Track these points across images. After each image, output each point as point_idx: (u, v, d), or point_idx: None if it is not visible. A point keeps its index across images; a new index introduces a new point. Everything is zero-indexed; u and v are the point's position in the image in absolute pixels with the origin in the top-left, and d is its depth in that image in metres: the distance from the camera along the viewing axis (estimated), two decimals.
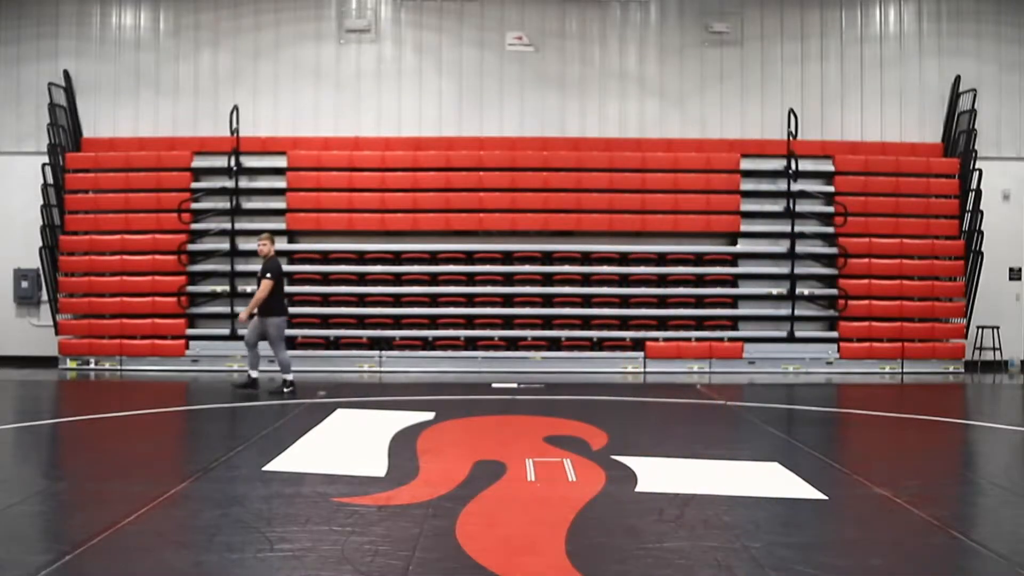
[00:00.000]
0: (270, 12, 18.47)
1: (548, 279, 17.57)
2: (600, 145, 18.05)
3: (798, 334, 17.39)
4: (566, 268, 17.57)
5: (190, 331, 17.24)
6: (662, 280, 17.61)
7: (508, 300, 17.42)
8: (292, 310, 17.35)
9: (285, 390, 13.04)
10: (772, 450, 8.94)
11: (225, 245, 17.49)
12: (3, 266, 17.98)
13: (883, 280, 17.50)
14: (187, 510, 6.47)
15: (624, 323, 17.40)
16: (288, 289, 17.46)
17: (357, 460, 8.19)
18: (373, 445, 8.88)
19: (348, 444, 9.30)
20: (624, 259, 17.68)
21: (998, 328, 17.95)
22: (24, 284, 17.87)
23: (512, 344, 17.31)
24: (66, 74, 18.12)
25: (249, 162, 17.91)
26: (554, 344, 17.32)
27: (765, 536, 5.84)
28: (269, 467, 7.77)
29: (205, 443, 9.90)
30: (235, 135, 17.73)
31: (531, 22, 18.49)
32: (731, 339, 17.29)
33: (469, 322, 17.36)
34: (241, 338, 17.14)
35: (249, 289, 17.34)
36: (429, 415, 10.79)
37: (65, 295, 17.45)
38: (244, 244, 17.59)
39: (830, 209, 17.86)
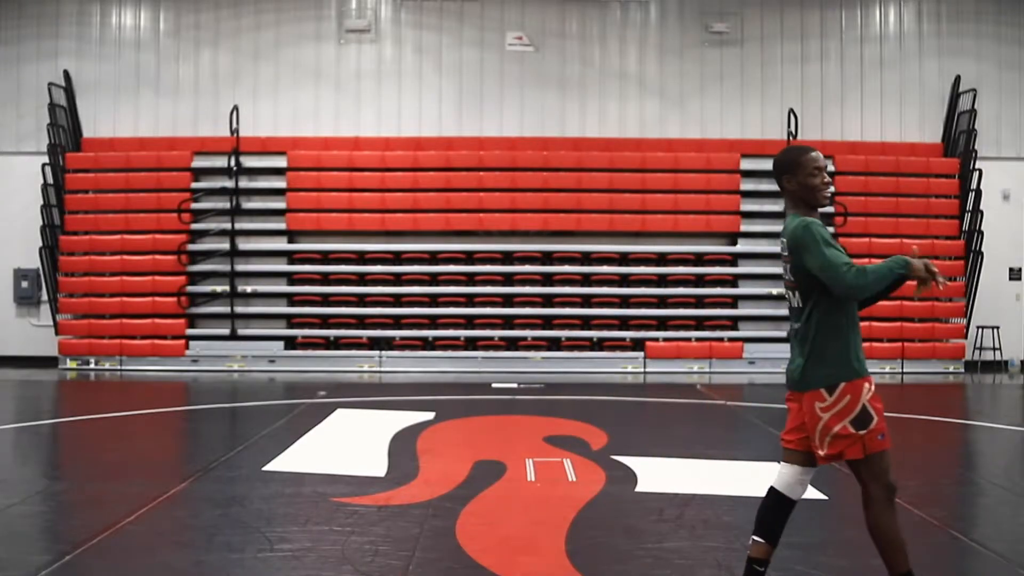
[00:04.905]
0: (270, 12, 18.47)
1: (548, 279, 17.57)
2: (600, 145, 18.05)
3: None
4: (566, 268, 17.56)
5: (190, 331, 17.24)
6: (662, 280, 17.61)
7: (508, 300, 17.42)
8: (292, 310, 17.42)
9: None
10: (772, 450, 8.90)
11: (225, 245, 17.49)
12: (3, 266, 17.96)
13: None
14: (187, 510, 6.48)
15: (624, 323, 17.39)
16: (288, 289, 17.55)
17: (357, 460, 8.19)
18: (373, 445, 8.88)
19: (348, 444, 9.30)
20: (624, 259, 17.67)
21: (998, 328, 17.94)
22: (24, 284, 17.86)
23: (512, 344, 17.31)
24: (66, 74, 18.11)
25: (249, 162, 17.91)
26: (554, 344, 17.32)
27: None
28: (269, 467, 7.77)
29: (205, 443, 9.91)
30: (235, 135, 17.73)
31: (531, 22, 18.48)
32: (731, 339, 17.28)
33: (469, 322, 17.35)
34: (242, 338, 17.18)
35: (249, 289, 17.37)
36: (429, 415, 10.78)
37: (65, 295, 17.45)
38: (244, 244, 17.61)
39: (830, 209, 17.85)
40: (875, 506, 4.33)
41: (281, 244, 17.87)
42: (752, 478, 7.56)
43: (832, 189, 4.37)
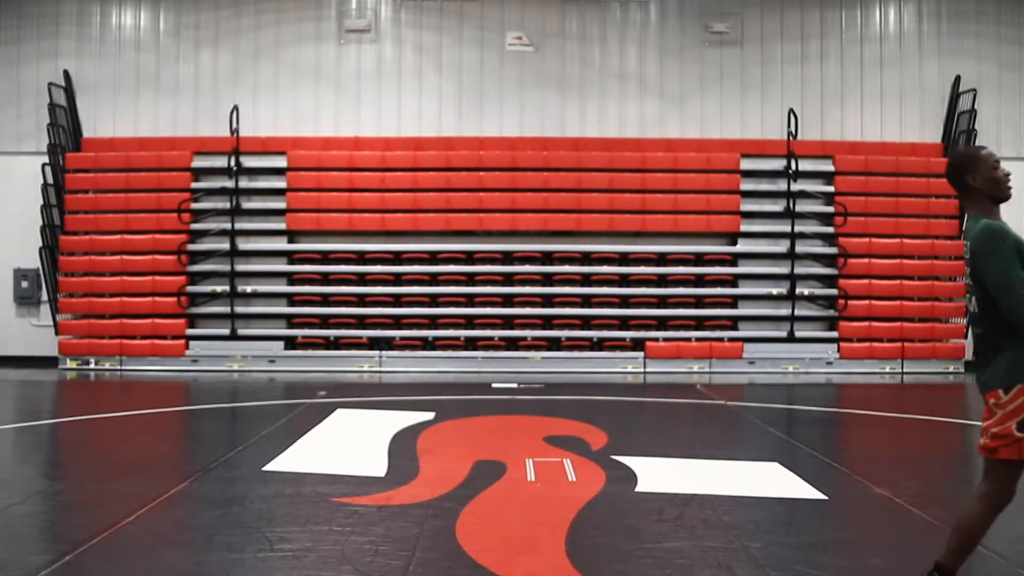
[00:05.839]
0: (270, 12, 18.46)
1: (548, 279, 17.57)
2: (600, 145, 18.04)
3: (798, 334, 17.38)
4: (566, 268, 17.56)
5: (190, 331, 17.23)
6: (662, 280, 17.61)
7: (508, 300, 17.41)
8: (292, 310, 17.42)
9: None
10: (772, 450, 8.94)
11: (225, 245, 17.49)
12: (3, 266, 17.95)
13: (883, 280, 17.50)
14: (187, 510, 6.48)
15: (624, 323, 17.39)
16: (288, 289, 17.56)
17: (357, 460, 8.19)
18: (373, 445, 8.88)
19: (348, 444, 9.30)
20: (624, 259, 17.67)
21: None
22: (24, 284, 17.85)
23: (512, 344, 17.31)
24: (66, 74, 18.11)
25: (249, 162, 17.91)
26: (554, 344, 17.32)
27: (765, 536, 5.84)
28: (269, 467, 7.77)
29: (205, 443, 9.91)
30: (235, 135, 17.73)
31: (531, 22, 18.48)
32: (731, 339, 17.28)
33: (469, 322, 17.35)
34: (242, 338, 17.18)
35: (249, 289, 17.38)
36: (429, 415, 10.79)
37: (65, 295, 17.45)
38: (244, 244, 17.61)
39: (830, 209, 17.86)
40: (983, 505, 4.29)
41: (281, 244, 17.87)
42: (752, 478, 7.57)
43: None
